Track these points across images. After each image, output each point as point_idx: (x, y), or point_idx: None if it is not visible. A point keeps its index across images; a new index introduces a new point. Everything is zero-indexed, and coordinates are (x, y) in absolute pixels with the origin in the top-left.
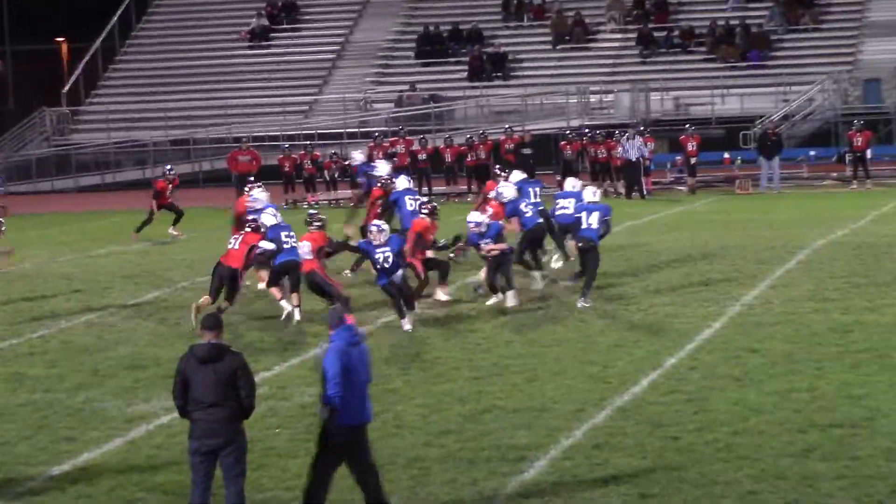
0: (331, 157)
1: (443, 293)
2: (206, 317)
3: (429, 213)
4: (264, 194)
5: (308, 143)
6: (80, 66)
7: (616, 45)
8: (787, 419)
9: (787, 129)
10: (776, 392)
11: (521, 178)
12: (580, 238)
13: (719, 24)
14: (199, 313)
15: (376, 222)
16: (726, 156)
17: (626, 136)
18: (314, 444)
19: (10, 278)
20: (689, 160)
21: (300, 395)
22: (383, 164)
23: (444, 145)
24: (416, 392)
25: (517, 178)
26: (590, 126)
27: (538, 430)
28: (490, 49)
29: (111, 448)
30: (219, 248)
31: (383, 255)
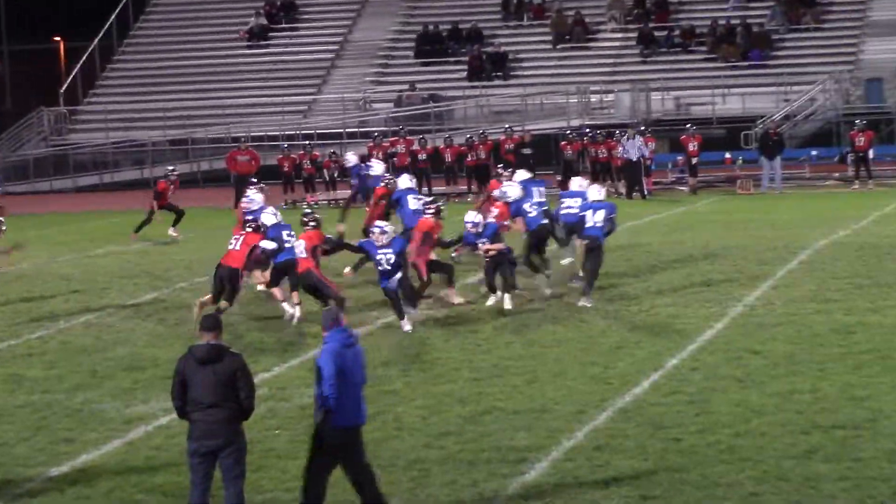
0: (330, 157)
1: (455, 295)
2: (205, 317)
3: (434, 212)
4: (260, 195)
5: (307, 142)
6: (78, 66)
7: (616, 44)
8: (789, 421)
9: (788, 129)
10: (778, 393)
11: (527, 177)
12: (585, 236)
13: (720, 24)
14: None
15: (379, 223)
16: (727, 156)
17: (626, 136)
18: (308, 446)
19: (7, 279)
20: (691, 160)
21: (300, 396)
22: (378, 164)
23: (443, 145)
24: (415, 393)
25: (522, 178)
26: (590, 126)
27: (539, 431)
28: (490, 48)
29: (110, 449)
30: (218, 248)
31: (385, 257)
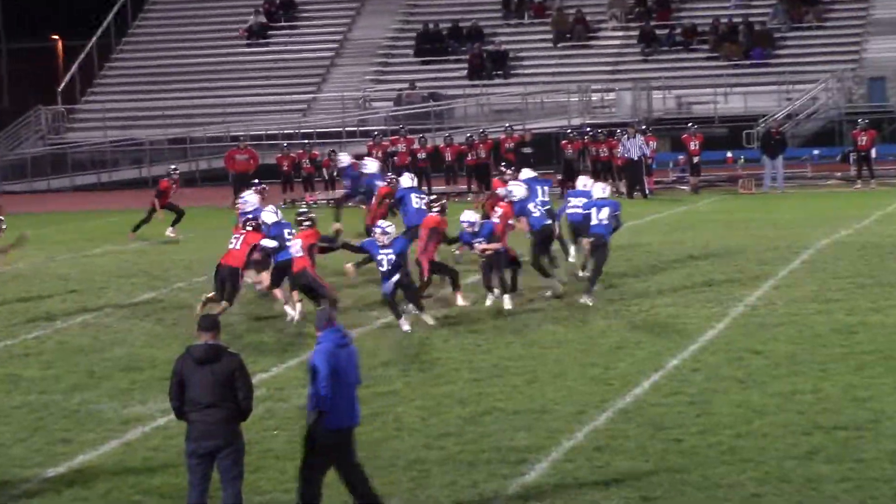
0: (329, 156)
1: (461, 298)
2: (203, 317)
3: (440, 209)
4: (255, 197)
5: (306, 141)
6: (76, 65)
7: (618, 42)
8: (790, 421)
9: (790, 128)
10: (780, 394)
11: (531, 176)
12: (592, 234)
13: (722, 22)
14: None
15: (381, 224)
16: (729, 155)
17: (627, 135)
18: (301, 448)
19: (4, 278)
20: (692, 159)
21: (298, 396)
22: (372, 162)
23: (443, 144)
24: (415, 394)
25: (527, 176)
26: (591, 125)
27: (539, 432)
28: (490, 47)
29: (107, 450)
30: (216, 248)
31: (386, 257)
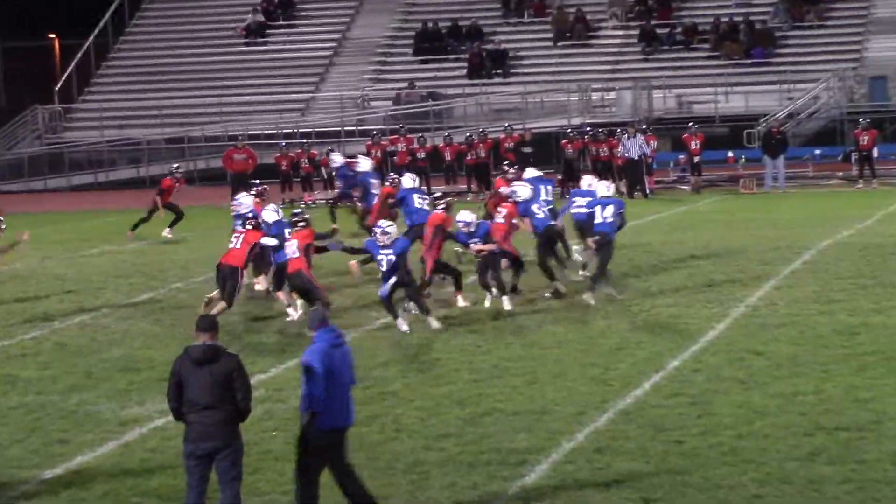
0: (327, 155)
1: (462, 299)
2: (201, 318)
3: (446, 207)
4: (249, 198)
5: (305, 141)
6: (73, 63)
7: (618, 41)
8: (792, 422)
9: (791, 128)
10: (781, 395)
11: (536, 175)
12: (596, 233)
13: (723, 21)
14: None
15: (382, 223)
16: (730, 154)
17: (627, 135)
18: (295, 449)
19: (2, 279)
20: (693, 159)
21: (297, 398)
22: (365, 160)
23: (443, 144)
24: (414, 395)
25: (531, 175)
26: (591, 124)
27: (539, 433)
28: (490, 46)
29: (105, 451)
30: (214, 248)
31: (386, 258)
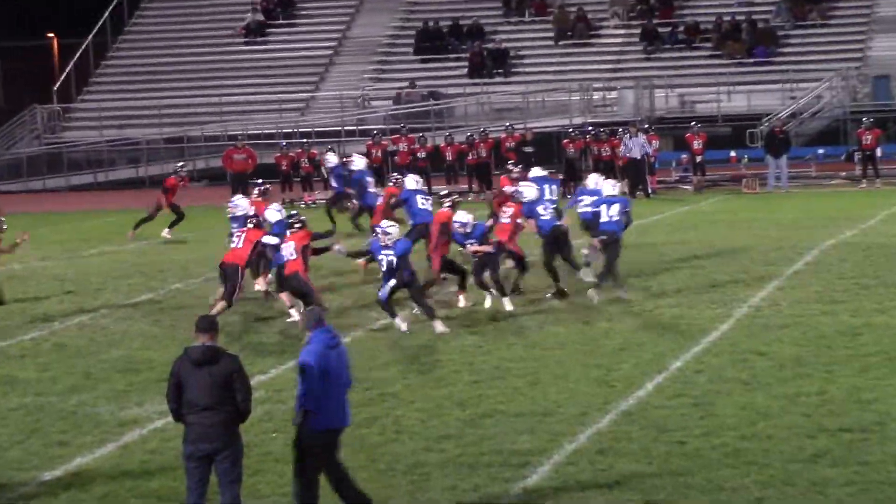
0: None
1: (464, 300)
2: (201, 318)
3: (451, 205)
4: (245, 201)
5: (305, 140)
6: (72, 63)
7: (619, 40)
8: (795, 424)
9: (794, 127)
10: (784, 396)
11: (541, 174)
12: (603, 231)
13: (725, 20)
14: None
15: (383, 224)
16: (733, 154)
17: (629, 134)
18: (292, 450)
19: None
20: (695, 158)
21: None
22: (359, 159)
23: (444, 143)
24: (415, 396)
25: (536, 175)
26: (593, 124)
27: (541, 434)
28: (491, 45)
29: (104, 453)
30: (214, 248)
31: (386, 259)
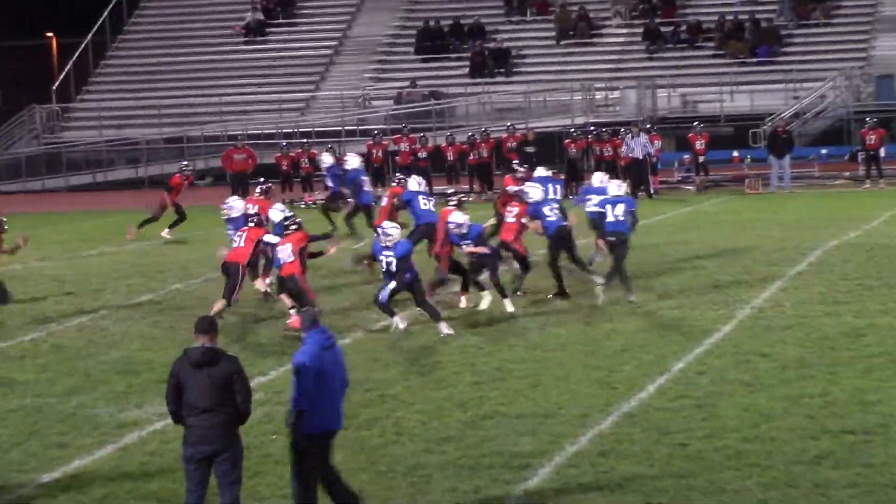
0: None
1: (465, 300)
2: (200, 320)
3: (457, 203)
4: (240, 202)
5: (305, 140)
6: (71, 63)
7: (622, 40)
8: (798, 425)
9: (797, 127)
10: (787, 397)
11: (546, 175)
12: (610, 232)
13: (728, 19)
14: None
15: (384, 225)
16: (735, 154)
17: (631, 134)
18: (290, 452)
19: None
20: (698, 158)
21: None
22: (353, 157)
23: (445, 143)
24: (415, 398)
25: (541, 174)
26: (595, 124)
27: (542, 436)
28: (492, 44)
29: (103, 455)
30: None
31: (386, 259)
